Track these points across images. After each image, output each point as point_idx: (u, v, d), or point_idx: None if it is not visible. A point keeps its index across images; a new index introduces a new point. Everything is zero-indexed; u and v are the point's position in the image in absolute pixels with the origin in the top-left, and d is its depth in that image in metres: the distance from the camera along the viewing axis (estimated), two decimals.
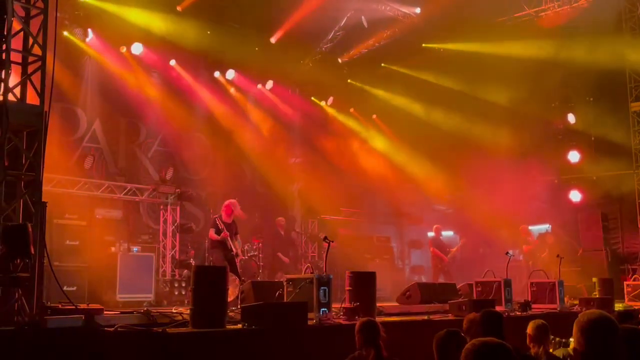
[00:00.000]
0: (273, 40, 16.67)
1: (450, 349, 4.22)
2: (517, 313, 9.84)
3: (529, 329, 6.08)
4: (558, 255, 12.12)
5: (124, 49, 15.01)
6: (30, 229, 6.16)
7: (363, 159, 19.07)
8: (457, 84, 16.94)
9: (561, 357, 5.72)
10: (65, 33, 13.55)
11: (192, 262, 14.36)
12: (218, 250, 11.52)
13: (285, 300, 7.94)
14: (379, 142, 19.03)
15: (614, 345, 2.90)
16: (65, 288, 7.96)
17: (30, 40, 6.94)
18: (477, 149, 16.57)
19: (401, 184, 18.54)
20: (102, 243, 13.06)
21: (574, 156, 16.73)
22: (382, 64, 18.46)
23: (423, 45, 17.52)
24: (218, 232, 11.50)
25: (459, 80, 16.87)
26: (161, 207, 15.35)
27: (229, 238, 11.40)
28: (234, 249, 11.41)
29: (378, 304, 8.79)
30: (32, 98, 6.84)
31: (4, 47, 6.54)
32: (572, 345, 3.02)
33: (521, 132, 16.49)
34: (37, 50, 6.94)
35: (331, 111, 19.43)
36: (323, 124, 19.36)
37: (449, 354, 4.19)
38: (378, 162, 18.84)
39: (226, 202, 11.94)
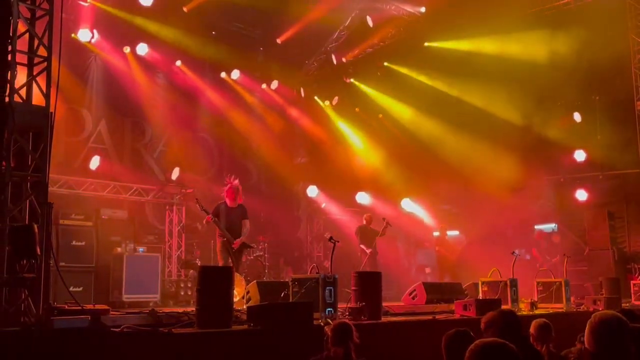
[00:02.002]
0: (279, 41, 16.68)
1: (459, 349, 4.20)
2: (523, 312, 9.83)
3: (532, 329, 6.09)
4: (564, 255, 12.10)
5: (127, 49, 15.05)
6: (36, 230, 6.17)
7: (368, 157, 19.04)
8: (459, 81, 16.86)
9: None
10: (72, 35, 13.59)
11: (198, 262, 14.38)
12: (218, 240, 10.87)
13: (290, 300, 7.94)
14: (384, 141, 18.95)
15: (624, 346, 2.88)
16: (71, 288, 7.99)
17: (36, 42, 6.96)
18: (481, 148, 16.51)
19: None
20: (108, 243, 13.11)
21: (579, 155, 16.66)
22: (385, 63, 18.40)
23: (425, 44, 17.45)
24: (217, 216, 10.80)
25: (460, 77, 16.79)
26: (167, 207, 15.39)
27: (212, 221, 10.61)
28: (225, 236, 10.66)
29: (384, 304, 8.79)
30: (37, 99, 6.86)
31: (9, 48, 6.56)
32: None
33: (526, 131, 16.43)
34: (42, 51, 6.95)
35: (336, 111, 19.39)
36: (327, 124, 19.35)
37: (458, 354, 4.17)
38: (383, 160, 18.78)
39: (227, 186, 11.04)
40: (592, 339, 2.77)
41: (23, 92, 6.76)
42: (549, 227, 17.40)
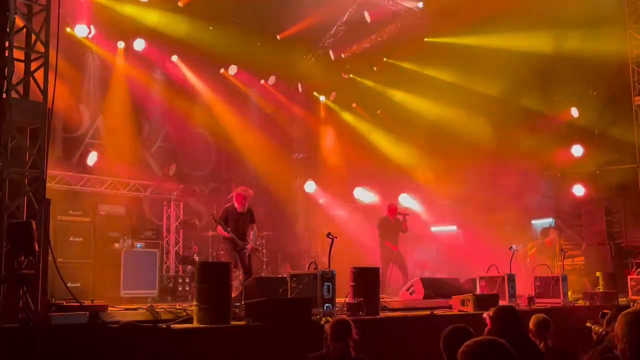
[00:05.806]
0: (279, 37, 16.64)
1: (459, 346, 4.20)
2: (521, 308, 9.85)
3: (531, 324, 6.10)
4: (562, 250, 12.13)
5: (121, 45, 14.98)
6: (34, 226, 6.17)
7: (364, 154, 19.01)
8: (458, 78, 16.87)
9: None
10: (68, 29, 13.53)
11: (196, 257, 14.38)
12: (228, 242, 11.10)
13: (289, 296, 7.95)
14: (381, 137, 18.94)
15: None
16: (69, 284, 8.00)
17: (33, 37, 6.93)
18: (479, 143, 16.53)
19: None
20: (106, 239, 13.10)
21: (577, 150, 16.69)
22: (385, 59, 18.39)
23: (425, 39, 17.43)
24: (226, 223, 11.01)
25: (460, 74, 16.80)
26: (164, 203, 15.37)
27: (235, 238, 10.94)
28: (239, 244, 10.97)
29: (382, 299, 8.80)
30: (34, 95, 6.84)
31: (6, 44, 6.54)
32: None
33: (524, 126, 16.45)
34: (39, 47, 6.93)
35: (333, 106, 19.40)
36: (325, 119, 19.33)
37: (457, 351, 4.18)
38: (380, 157, 18.76)
39: (237, 191, 11.36)
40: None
41: (20, 88, 6.75)
42: (546, 222, 17.44)
